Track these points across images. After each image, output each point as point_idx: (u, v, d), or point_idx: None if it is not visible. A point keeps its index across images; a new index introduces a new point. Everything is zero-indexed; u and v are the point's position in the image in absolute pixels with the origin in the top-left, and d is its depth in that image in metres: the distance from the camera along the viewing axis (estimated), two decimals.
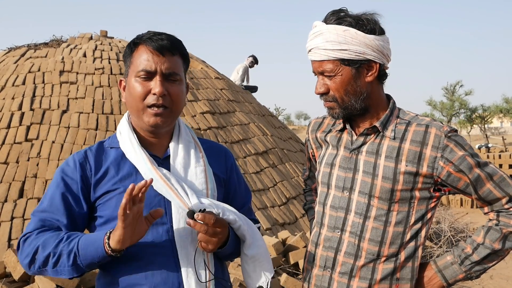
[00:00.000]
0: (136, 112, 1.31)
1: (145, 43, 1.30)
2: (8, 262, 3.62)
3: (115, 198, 1.27)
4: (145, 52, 1.29)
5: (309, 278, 1.52)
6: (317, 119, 1.65)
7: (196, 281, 1.24)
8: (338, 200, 1.46)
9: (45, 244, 1.21)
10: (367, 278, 1.41)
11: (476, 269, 1.41)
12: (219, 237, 1.23)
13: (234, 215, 1.30)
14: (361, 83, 1.39)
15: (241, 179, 1.53)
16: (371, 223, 1.41)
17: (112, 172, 1.30)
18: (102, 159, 1.32)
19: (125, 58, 1.36)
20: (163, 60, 1.29)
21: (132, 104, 1.31)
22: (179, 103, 1.33)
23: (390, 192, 1.39)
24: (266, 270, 1.34)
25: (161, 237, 1.26)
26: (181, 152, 1.35)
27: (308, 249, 1.55)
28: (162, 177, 1.25)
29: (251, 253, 1.33)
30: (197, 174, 1.33)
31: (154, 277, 1.23)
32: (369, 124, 1.45)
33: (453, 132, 1.39)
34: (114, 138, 1.37)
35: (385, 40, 1.39)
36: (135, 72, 1.30)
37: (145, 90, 1.28)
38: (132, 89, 1.29)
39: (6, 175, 4.61)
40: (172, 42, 1.31)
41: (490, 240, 1.38)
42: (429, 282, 1.44)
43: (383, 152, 1.41)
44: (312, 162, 1.72)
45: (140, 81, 1.28)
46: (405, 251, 1.41)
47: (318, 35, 1.38)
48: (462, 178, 1.37)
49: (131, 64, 1.32)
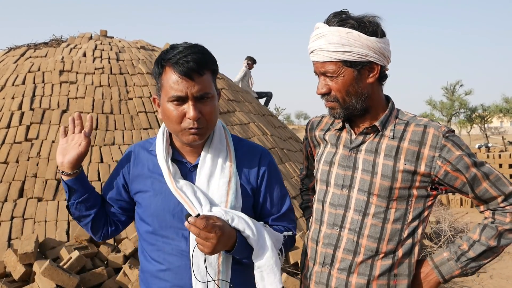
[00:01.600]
0: (174, 132, 1.40)
1: (173, 67, 1.31)
2: (8, 262, 3.62)
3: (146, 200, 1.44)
4: (173, 76, 1.31)
5: (309, 275, 1.53)
6: (316, 118, 1.68)
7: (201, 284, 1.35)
8: (337, 197, 1.48)
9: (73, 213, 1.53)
10: (365, 274, 1.43)
11: (472, 266, 1.44)
12: (212, 242, 1.26)
13: (245, 224, 1.35)
14: (362, 84, 1.41)
15: (275, 187, 1.52)
16: (370, 220, 1.43)
17: (147, 173, 1.46)
18: (141, 159, 1.49)
19: (154, 77, 1.40)
20: (193, 84, 1.30)
21: (169, 126, 1.38)
22: (213, 119, 1.38)
23: (388, 190, 1.42)
24: (272, 283, 1.38)
25: (180, 241, 1.40)
26: (208, 162, 1.42)
27: (308, 246, 1.57)
28: (178, 190, 1.37)
29: (258, 264, 1.38)
30: (219, 186, 1.40)
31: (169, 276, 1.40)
32: (368, 123, 1.48)
33: (450, 132, 1.42)
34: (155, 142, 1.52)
35: (386, 42, 1.42)
36: (167, 97, 1.33)
37: (180, 114, 1.33)
38: (168, 113, 1.35)
39: (6, 175, 4.61)
40: (198, 63, 1.30)
41: (486, 237, 1.42)
42: (426, 278, 1.48)
43: (382, 151, 1.44)
44: (310, 161, 1.74)
45: (173, 106, 1.33)
46: (402, 248, 1.44)
47: (320, 36, 1.40)
48: (459, 177, 1.41)
49: (162, 86, 1.36)
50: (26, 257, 3.51)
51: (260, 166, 1.49)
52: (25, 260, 3.52)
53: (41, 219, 4.30)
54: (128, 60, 6.50)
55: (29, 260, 3.53)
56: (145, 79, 6.14)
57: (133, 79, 6.07)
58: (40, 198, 4.47)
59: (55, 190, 4.55)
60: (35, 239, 3.66)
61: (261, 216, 1.51)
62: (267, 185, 1.50)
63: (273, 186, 1.52)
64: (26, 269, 3.53)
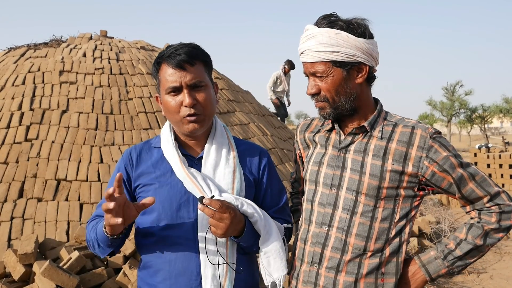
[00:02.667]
0: (175, 123, 1.48)
1: (166, 61, 1.44)
2: (8, 262, 3.61)
3: (151, 192, 1.45)
4: (168, 70, 1.43)
5: (297, 274, 1.55)
6: (306, 121, 1.73)
7: (211, 266, 1.39)
8: (326, 196, 1.51)
9: (88, 231, 1.49)
10: (353, 273, 1.45)
11: (458, 264, 1.47)
12: (226, 223, 1.33)
13: (253, 209, 1.42)
14: (351, 84, 1.45)
15: (273, 180, 1.62)
16: (358, 218, 1.46)
17: (151, 169, 1.49)
18: (143, 157, 1.52)
19: (154, 76, 1.51)
20: (185, 73, 1.42)
21: (170, 117, 1.48)
22: (209, 106, 1.47)
23: (376, 189, 1.44)
24: (279, 267, 1.45)
25: (187, 230, 1.43)
26: (213, 153, 1.49)
27: (297, 245, 1.59)
28: (189, 175, 1.41)
29: (265, 249, 1.45)
30: (225, 175, 1.47)
31: (176, 265, 1.42)
32: (357, 124, 1.52)
33: (437, 134, 1.46)
34: (159, 138, 1.56)
35: (374, 44, 1.46)
36: (164, 90, 1.45)
37: (177, 104, 1.43)
38: (167, 105, 1.45)
39: (6, 175, 4.60)
40: (189, 54, 1.43)
41: (472, 236, 1.45)
42: (413, 276, 1.50)
43: (371, 151, 1.47)
44: (299, 163, 1.76)
45: (171, 97, 1.44)
46: (390, 247, 1.47)
47: (310, 37, 1.44)
48: (446, 178, 1.44)
49: (160, 82, 1.47)
50: (26, 257, 3.51)
51: (261, 159, 1.60)
52: (25, 260, 3.52)
53: (41, 220, 4.30)
54: (128, 60, 6.51)
55: (29, 261, 3.53)
56: (145, 80, 6.14)
57: (133, 80, 6.07)
58: (40, 198, 4.47)
59: (55, 191, 4.55)
60: (35, 240, 3.66)
61: (262, 208, 1.55)
62: (268, 177, 1.59)
63: (273, 179, 1.61)
64: (26, 269, 3.53)
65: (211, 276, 1.39)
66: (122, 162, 1.54)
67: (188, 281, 1.41)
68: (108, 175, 4.72)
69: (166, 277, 1.42)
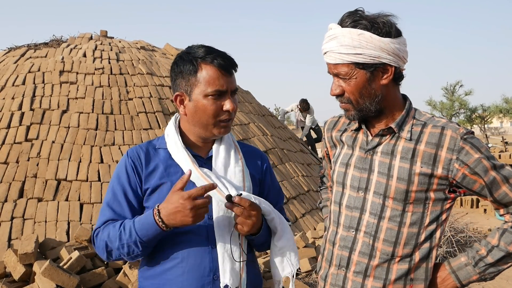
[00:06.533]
0: (205, 126, 1.45)
1: (213, 63, 1.41)
2: (8, 262, 3.62)
3: (164, 189, 1.43)
4: (214, 72, 1.41)
5: (325, 276, 1.54)
6: (333, 118, 1.66)
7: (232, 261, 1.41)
8: (353, 200, 1.47)
9: (110, 239, 1.39)
10: (381, 278, 1.42)
11: (490, 271, 1.41)
12: (253, 220, 1.36)
13: (270, 208, 1.46)
14: (375, 86, 1.39)
15: (274, 181, 1.67)
16: (386, 223, 1.41)
17: (161, 168, 1.46)
18: (151, 156, 1.49)
19: (184, 74, 1.43)
20: (230, 79, 1.44)
21: (202, 120, 1.44)
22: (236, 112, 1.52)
23: (404, 193, 1.39)
24: (293, 262, 1.50)
25: (198, 227, 1.42)
26: (222, 153, 1.50)
27: (325, 247, 1.57)
28: (203, 175, 1.41)
29: (280, 245, 1.49)
30: (236, 173, 1.48)
31: (188, 261, 1.40)
32: (384, 125, 1.46)
33: (469, 134, 1.38)
34: (162, 139, 1.53)
35: (401, 43, 1.38)
36: (205, 91, 1.41)
37: (218, 107, 1.42)
38: (205, 107, 1.42)
39: (6, 175, 4.61)
40: (232, 60, 1.45)
41: (504, 242, 1.39)
42: (443, 282, 1.45)
43: (398, 153, 1.41)
44: (326, 160, 1.74)
45: (212, 100, 1.42)
46: (419, 252, 1.42)
47: (332, 38, 1.38)
48: (477, 181, 1.37)
49: (198, 82, 1.42)
50: (26, 257, 3.51)
51: (263, 161, 1.64)
52: (25, 260, 3.52)
53: (41, 219, 4.30)
54: (128, 60, 6.51)
55: (29, 260, 3.54)
56: (145, 80, 6.15)
57: (133, 80, 6.08)
58: (40, 198, 4.48)
59: (55, 191, 4.56)
60: (35, 239, 3.67)
61: None
62: (270, 177, 1.64)
63: (274, 180, 1.66)
64: (26, 269, 3.54)
65: (230, 271, 1.40)
66: (129, 160, 1.47)
67: (201, 277, 1.40)
68: (108, 175, 4.72)
69: (178, 274, 1.41)
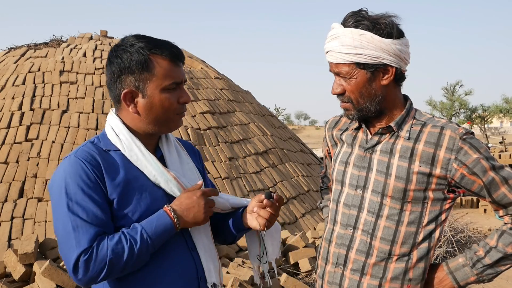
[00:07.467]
0: (163, 122, 1.31)
1: (165, 54, 1.28)
2: (8, 262, 3.62)
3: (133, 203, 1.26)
4: (168, 64, 1.28)
5: (322, 274, 1.54)
6: (335, 117, 1.67)
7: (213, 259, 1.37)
8: (351, 198, 1.48)
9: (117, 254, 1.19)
10: (378, 277, 1.42)
11: (488, 272, 1.41)
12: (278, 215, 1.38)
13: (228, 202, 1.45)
14: (376, 86, 1.40)
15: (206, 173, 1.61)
16: (383, 222, 1.42)
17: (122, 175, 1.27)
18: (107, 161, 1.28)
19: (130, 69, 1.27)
20: (181, 69, 1.33)
21: (160, 116, 1.30)
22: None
23: (402, 192, 1.40)
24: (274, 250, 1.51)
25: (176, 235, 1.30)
26: (172, 151, 1.40)
27: (322, 245, 1.58)
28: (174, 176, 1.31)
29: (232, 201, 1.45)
30: (190, 169, 1.41)
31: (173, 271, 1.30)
32: (384, 124, 1.46)
33: (468, 134, 1.38)
34: (106, 140, 1.32)
35: (403, 44, 1.38)
36: (162, 85, 1.27)
37: (175, 100, 1.30)
38: (164, 101, 1.28)
39: (6, 175, 4.61)
40: (180, 49, 1.33)
41: (503, 244, 1.38)
42: (440, 283, 1.45)
43: (397, 152, 1.42)
44: (328, 159, 1.74)
45: (169, 93, 1.29)
46: (417, 251, 1.42)
47: (334, 38, 1.39)
48: (476, 181, 1.37)
49: (152, 76, 1.27)
50: (26, 257, 3.51)
51: (198, 155, 1.57)
52: (25, 260, 3.53)
53: (41, 219, 4.30)
54: None
55: (29, 260, 3.54)
56: None
57: None
58: (40, 198, 4.48)
59: None
60: (35, 239, 3.67)
61: None
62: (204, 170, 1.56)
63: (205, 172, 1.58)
64: (26, 269, 3.54)
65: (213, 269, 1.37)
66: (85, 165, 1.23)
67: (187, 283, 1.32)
68: None
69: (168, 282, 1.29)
